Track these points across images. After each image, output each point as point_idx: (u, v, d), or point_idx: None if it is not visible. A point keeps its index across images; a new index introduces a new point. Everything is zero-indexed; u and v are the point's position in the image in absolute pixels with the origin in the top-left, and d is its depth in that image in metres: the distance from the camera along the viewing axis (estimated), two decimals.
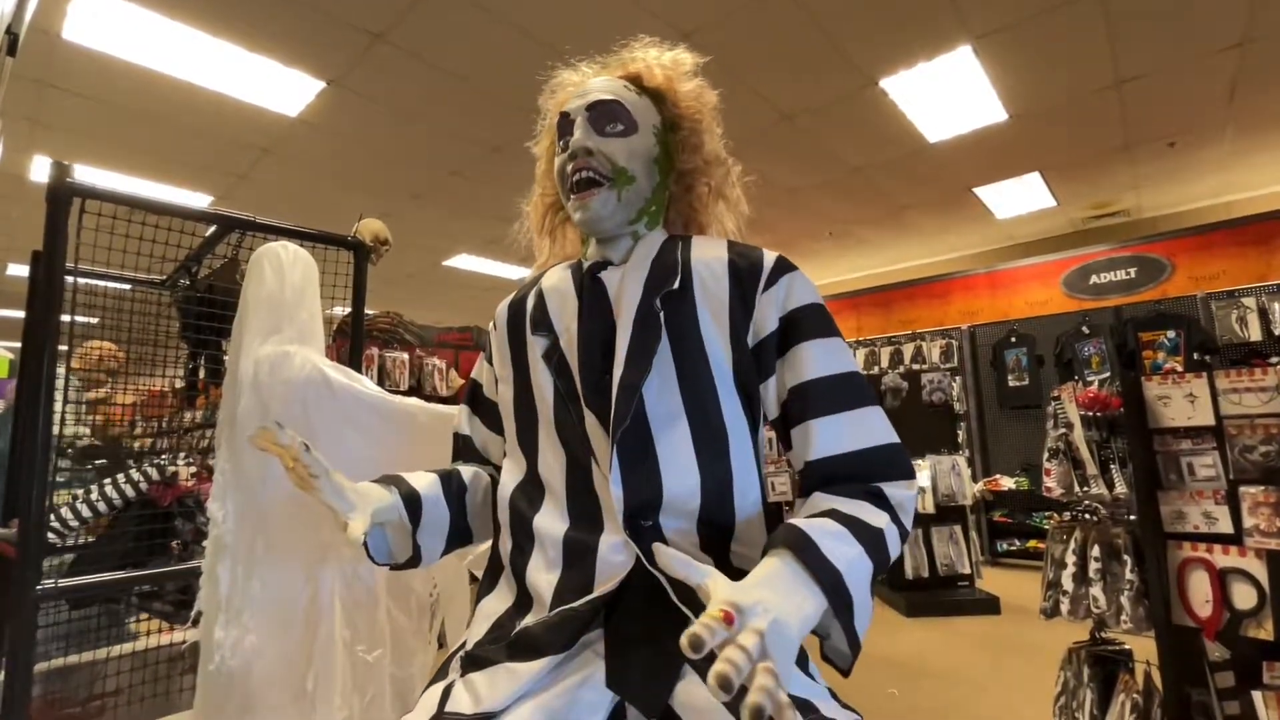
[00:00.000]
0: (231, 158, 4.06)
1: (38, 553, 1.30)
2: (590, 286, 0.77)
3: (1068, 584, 1.89)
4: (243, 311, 1.19)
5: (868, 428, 0.67)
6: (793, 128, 4.01)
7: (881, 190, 5.18)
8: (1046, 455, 1.97)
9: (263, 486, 1.11)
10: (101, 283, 1.92)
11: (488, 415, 0.88)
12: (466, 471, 0.84)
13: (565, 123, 0.79)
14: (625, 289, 0.74)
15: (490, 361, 0.88)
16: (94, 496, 1.65)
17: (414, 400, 1.23)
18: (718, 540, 0.68)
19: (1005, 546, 4.62)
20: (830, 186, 5.02)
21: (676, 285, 0.73)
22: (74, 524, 1.62)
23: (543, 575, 0.68)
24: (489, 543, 0.82)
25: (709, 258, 0.77)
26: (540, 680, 0.61)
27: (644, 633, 0.63)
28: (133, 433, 2.36)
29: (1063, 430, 1.95)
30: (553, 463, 0.72)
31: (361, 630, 1.18)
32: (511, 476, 0.78)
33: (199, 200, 4.55)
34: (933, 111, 3.88)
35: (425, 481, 0.78)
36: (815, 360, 0.69)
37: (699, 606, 0.60)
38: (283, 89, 3.32)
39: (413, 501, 0.74)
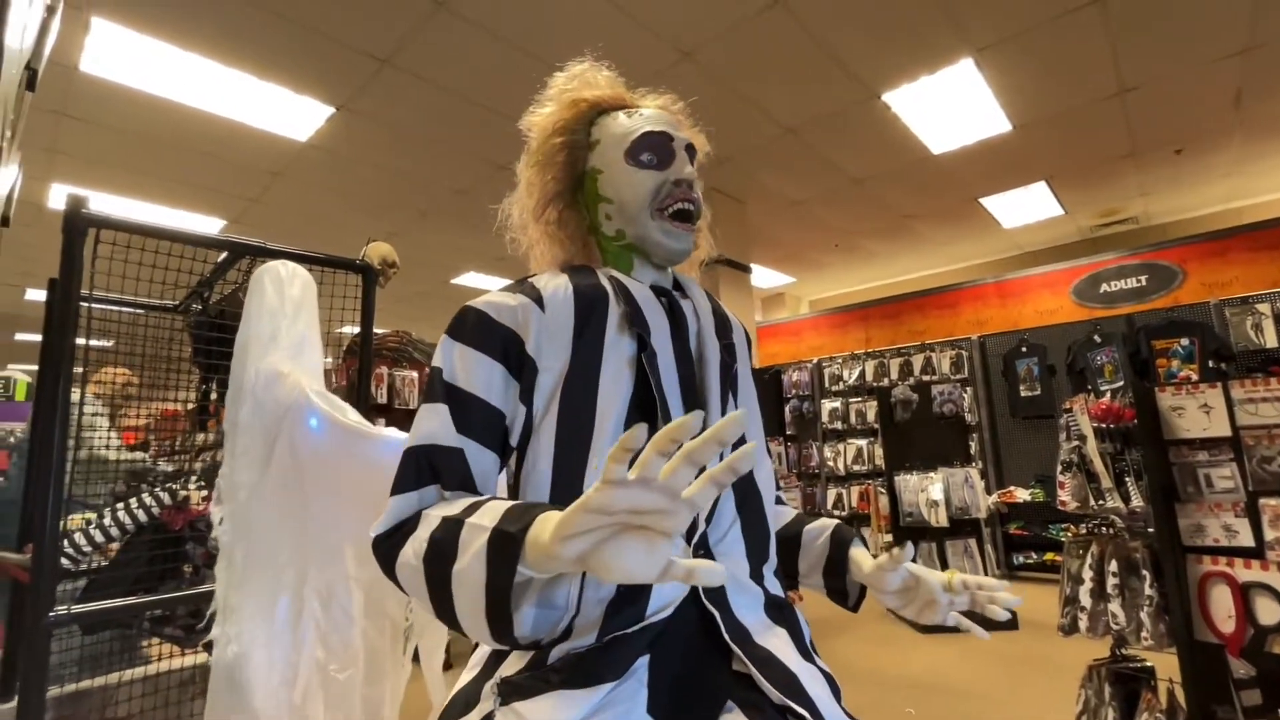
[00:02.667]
0: (244, 182, 4.14)
1: (51, 579, 1.31)
2: (679, 311, 0.78)
3: (1085, 600, 1.85)
4: (245, 324, 1.26)
5: (768, 457, 0.87)
6: (795, 141, 4.03)
7: (886, 202, 5.19)
8: (1060, 468, 1.95)
9: (248, 496, 1.17)
10: (118, 308, 1.95)
11: (475, 422, 0.66)
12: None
13: (662, 142, 0.78)
14: (704, 329, 0.78)
15: (495, 347, 0.68)
16: (107, 521, 1.66)
17: (391, 430, 1.27)
18: (759, 561, 0.72)
19: (1022, 560, 4.54)
20: (834, 199, 5.04)
21: (734, 340, 0.82)
22: (87, 549, 1.63)
23: (593, 594, 0.63)
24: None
25: (733, 319, 0.87)
26: (593, 706, 0.59)
27: (689, 663, 0.63)
28: (154, 454, 2.39)
29: (1076, 442, 1.92)
30: None
31: (336, 650, 1.23)
32: (541, 484, 0.67)
33: (213, 224, 4.63)
34: (936, 123, 3.89)
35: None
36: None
37: (747, 643, 0.65)
38: (293, 115, 3.39)
39: None
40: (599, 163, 0.80)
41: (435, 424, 0.65)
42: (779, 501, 0.90)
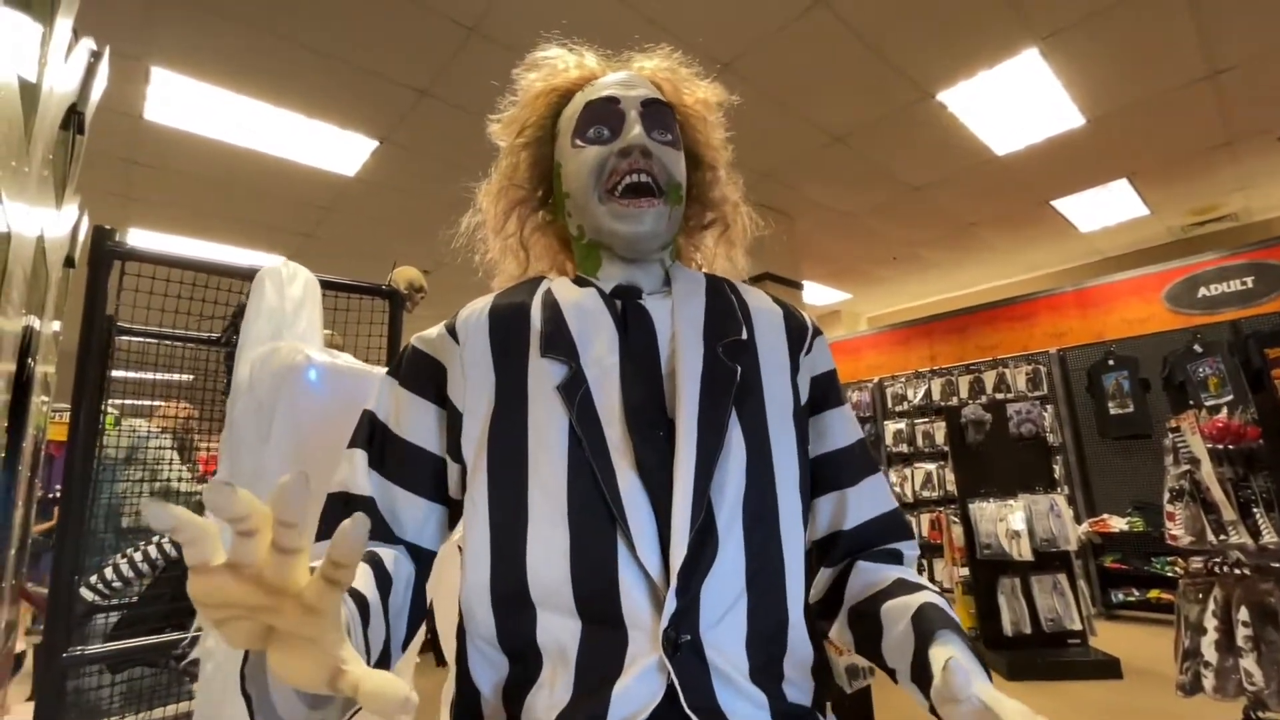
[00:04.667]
0: (299, 218, 4.29)
1: (65, 618, 1.28)
2: (633, 316, 0.63)
3: (1210, 654, 1.57)
4: (245, 326, 1.22)
5: (883, 494, 0.66)
6: (845, 150, 3.85)
7: (947, 210, 4.90)
8: (1169, 497, 1.67)
9: (248, 482, 1.10)
10: (170, 343, 1.98)
11: (399, 467, 0.60)
12: (387, 558, 0.57)
13: (609, 110, 0.65)
14: (681, 329, 0.62)
15: (427, 387, 0.62)
16: (137, 556, 1.65)
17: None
18: (768, 654, 0.55)
19: (1122, 597, 4.06)
20: (889, 209, 4.80)
21: (744, 336, 0.63)
22: (116, 584, 1.62)
23: (544, 698, 0.52)
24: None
25: (764, 308, 0.69)
26: None
27: None
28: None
29: (1187, 467, 1.65)
30: (551, 541, 0.53)
31: None
32: (479, 562, 0.56)
33: (273, 261, 4.82)
34: (999, 122, 3.64)
35: (363, 584, 0.52)
36: (841, 429, 0.67)
37: None
38: (340, 150, 3.48)
39: (364, 617, 0.49)
40: (560, 156, 0.69)
41: (349, 470, 0.60)
42: (893, 558, 0.63)
